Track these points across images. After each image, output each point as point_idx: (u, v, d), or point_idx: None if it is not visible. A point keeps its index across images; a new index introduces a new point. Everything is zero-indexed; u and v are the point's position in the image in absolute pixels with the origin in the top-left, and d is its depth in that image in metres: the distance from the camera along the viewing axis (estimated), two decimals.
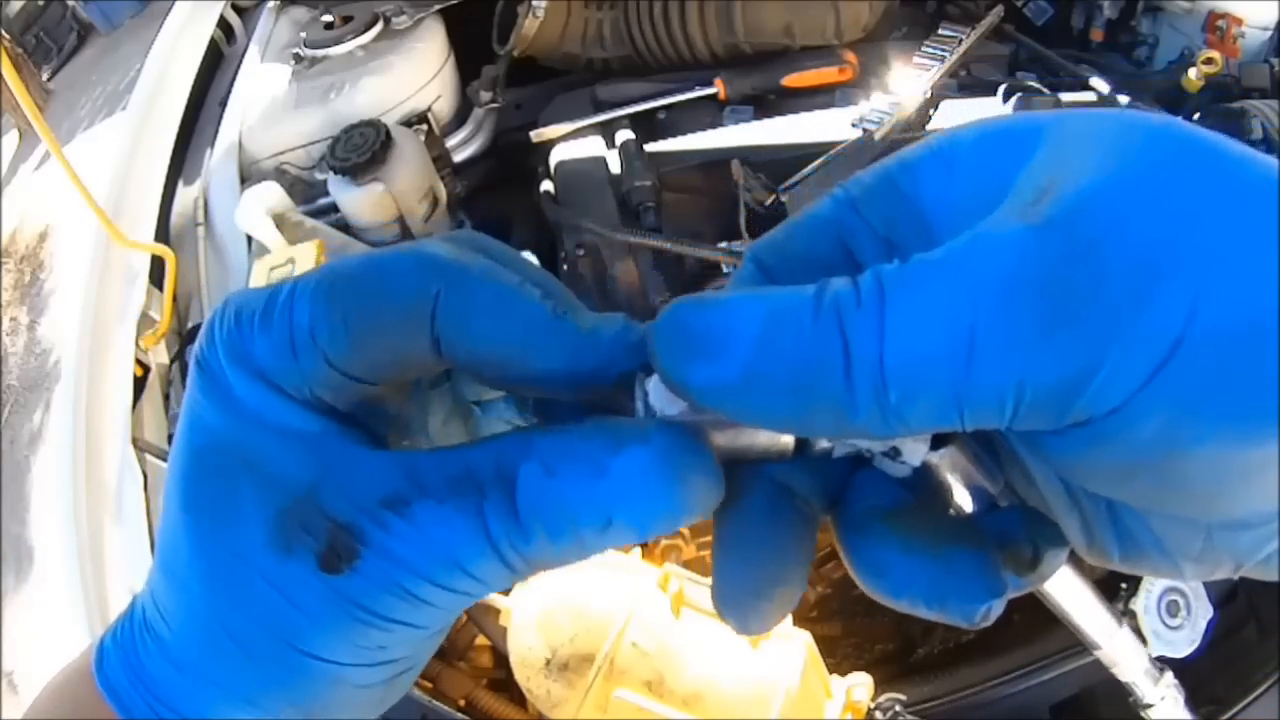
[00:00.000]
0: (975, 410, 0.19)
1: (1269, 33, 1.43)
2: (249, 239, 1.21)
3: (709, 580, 0.24)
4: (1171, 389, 0.18)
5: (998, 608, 0.23)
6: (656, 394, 0.23)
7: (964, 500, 0.25)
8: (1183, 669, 0.76)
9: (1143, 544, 0.22)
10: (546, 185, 1.28)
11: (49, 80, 5.22)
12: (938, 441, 0.24)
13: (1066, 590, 0.30)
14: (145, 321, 1.22)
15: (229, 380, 0.24)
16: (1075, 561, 0.29)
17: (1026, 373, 0.18)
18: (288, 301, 0.23)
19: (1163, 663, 0.72)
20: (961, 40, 1.35)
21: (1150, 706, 0.56)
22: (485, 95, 1.39)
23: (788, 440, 0.24)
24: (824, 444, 0.24)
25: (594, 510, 0.21)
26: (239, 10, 1.70)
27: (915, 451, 0.24)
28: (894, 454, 0.24)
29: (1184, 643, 0.80)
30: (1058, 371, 0.18)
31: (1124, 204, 0.19)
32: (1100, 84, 1.33)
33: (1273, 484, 0.19)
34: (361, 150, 1.16)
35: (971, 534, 0.24)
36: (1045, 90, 1.33)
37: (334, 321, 0.23)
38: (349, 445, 0.24)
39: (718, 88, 1.33)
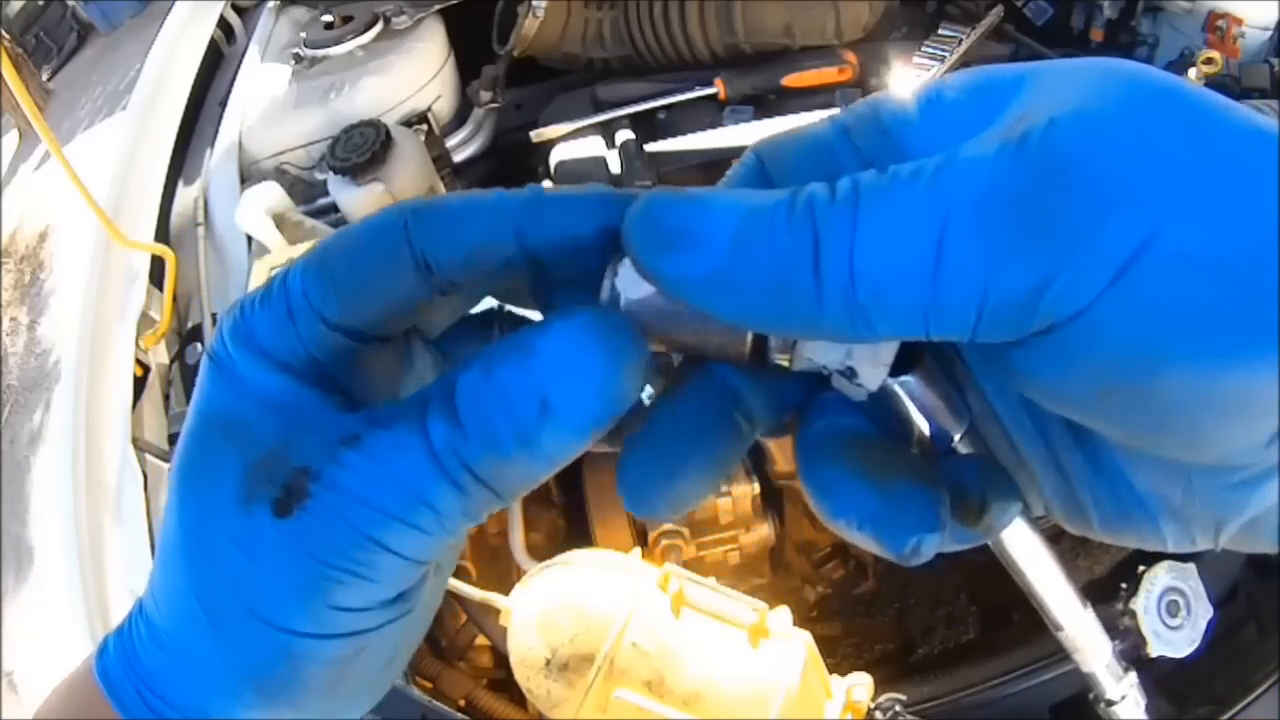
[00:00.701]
0: (940, 317, 0.19)
1: (1269, 33, 1.43)
2: (249, 239, 1.21)
3: (709, 580, 0.24)
4: (1131, 302, 0.18)
5: (929, 545, 0.22)
6: (625, 278, 0.23)
7: (924, 439, 0.25)
8: (1183, 669, 0.76)
9: (1123, 499, 0.22)
10: (546, 185, 1.28)
11: (49, 80, 5.22)
12: (900, 369, 0.24)
13: (1028, 557, 0.29)
14: (145, 321, 1.22)
15: (234, 362, 0.24)
16: (1049, 540, 0.29)
17: (991, 280, 0.19)
18: (283, 278, 0.24)
19: (1158, 662, 0.72)
20: (961, 40, 1.35)
21: (1110, 704, 0.55)
22: (485, 95, 1.39)
23: (744, 341, 0.23)
24: (781, 358, 0.24)
25: (525, 393, 0.21)
26: (239, 10, 1.70)
27: (873, 376, 0.24)
28: (850, 374, 0.24)
29: (1184, 643, 0.80)
30: (1021, 280, 0.19)
31: (1097, 132, 0.19)
32: None
33: (1250, 422, 0.19)
34: (361, 150, 1.16)
35: (923, 471, 0.23)
36: None
37: (323, 279, 0.24)
38: (327, 406, 0.24)
39: (718, 88, 1.33)
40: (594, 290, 0.24)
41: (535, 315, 0.25)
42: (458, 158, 1.40)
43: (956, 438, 0.25)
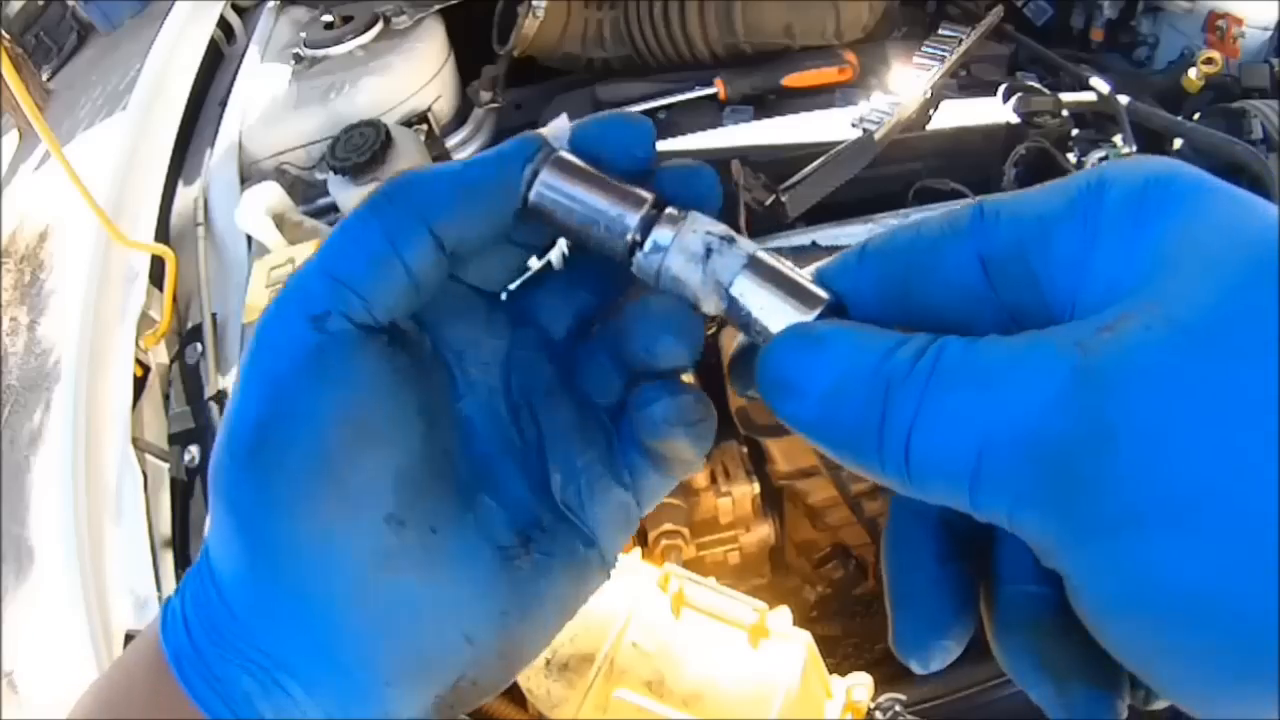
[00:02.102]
0: (979, 511, 0.21)
1: (1269, 33, 1.43)
2: (249, 239, 1.21)
3: (709, 580, 0.26)
4: (1125, 610, 0.20)
5: None
6: (544, 175, 0.28)
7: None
8: None
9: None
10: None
11: (49, 80, 5.22)
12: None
13: None
14: (145, 321, 1.22)
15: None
16: None
17: (1012, 512, 0.21)
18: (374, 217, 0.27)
19: None
20: (961, 40, 1.35)
21: None
22: (485, 95, 1.39)
23: (622, 245, 0.28)
24: (648, 263, 0.28)
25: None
26: (239, 10, 1.70)
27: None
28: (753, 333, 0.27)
29: None
30: (1034, 528, 0.20)
31: (1167, 419, 0.19)
32: (1100, 84, 1.33)
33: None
34: (361, 150, 1.16)
35: (1102, 668, 0.24)
36: (1045, 90, 1.33)
37: (443, 201, 0.27)
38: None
39: (718, 88, 1.33)
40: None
41: None
42: (457, 158, 1.40)
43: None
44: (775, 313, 0.27)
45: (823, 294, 0.27)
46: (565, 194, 0.28)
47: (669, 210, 0.28)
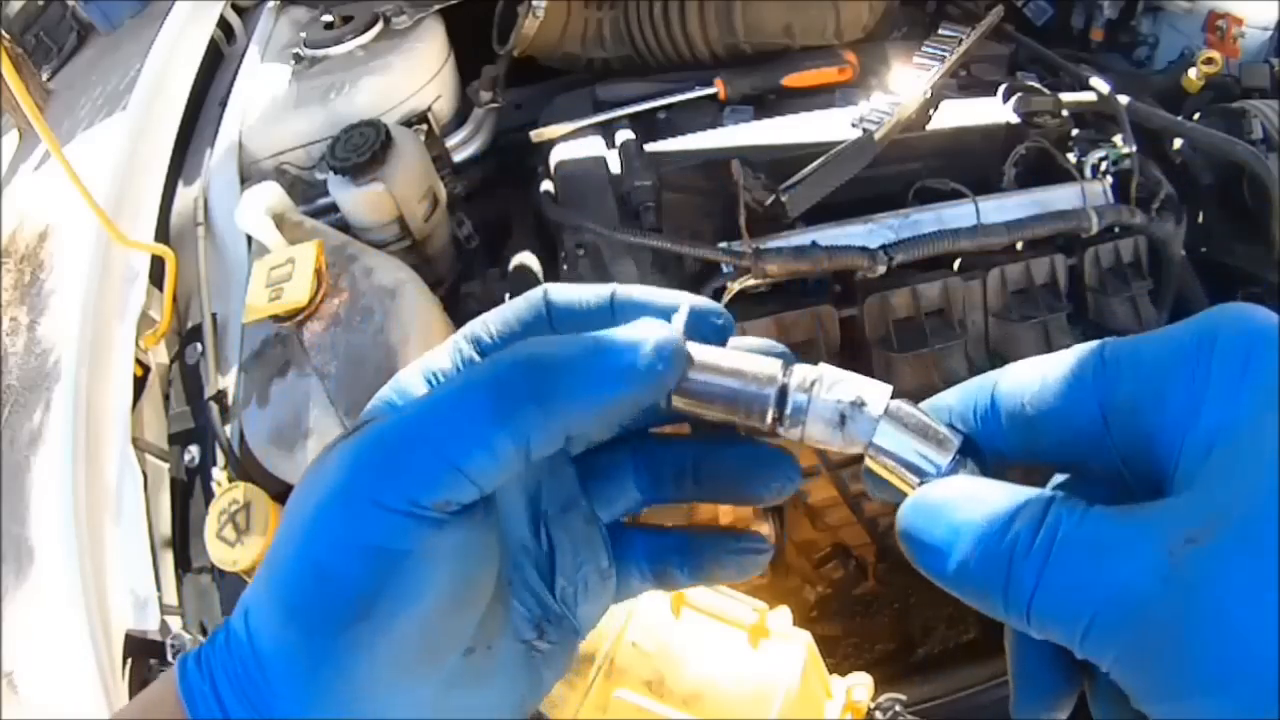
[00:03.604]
0: (1086, 657, 0.26)
1: (1269, 33, 1.43)
2: (249, 239, 1.21)
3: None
4: None
5: None
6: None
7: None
8: None
9: None
10: (546, 185, 1.28)
11: (49, 80, 5.22)
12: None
13: None
14: (145, 321, 1.22)
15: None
16: None
17: (1114, 666, 0.26)
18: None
19: None
20: (961, 40, 1.35)
21: None
22: (485, 95, 1.39)
23: (763, 424, 0.31)
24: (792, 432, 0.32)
25: (583, 341, 0.29)
26: (239, 10, 1.70)
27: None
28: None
29: None
30: (1131, 680, 0.25)
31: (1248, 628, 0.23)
32: (1100, 84, 1.33)
33: None
34: (361, 150, 1.16)
35: None
36: (1045, 90, 1.33)
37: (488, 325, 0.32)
38: None
39: (718, 88, 1.33)
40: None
41: None
42: (458, 158, 1.40)
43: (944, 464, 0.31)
44: (911, 465, 0.30)
45: (953, 438, 0.31)
46: (704, 394, 0.31)
47: (797, 374, 0.31)
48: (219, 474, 1.06)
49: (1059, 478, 0.33)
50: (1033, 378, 0.30)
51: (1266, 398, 0.25)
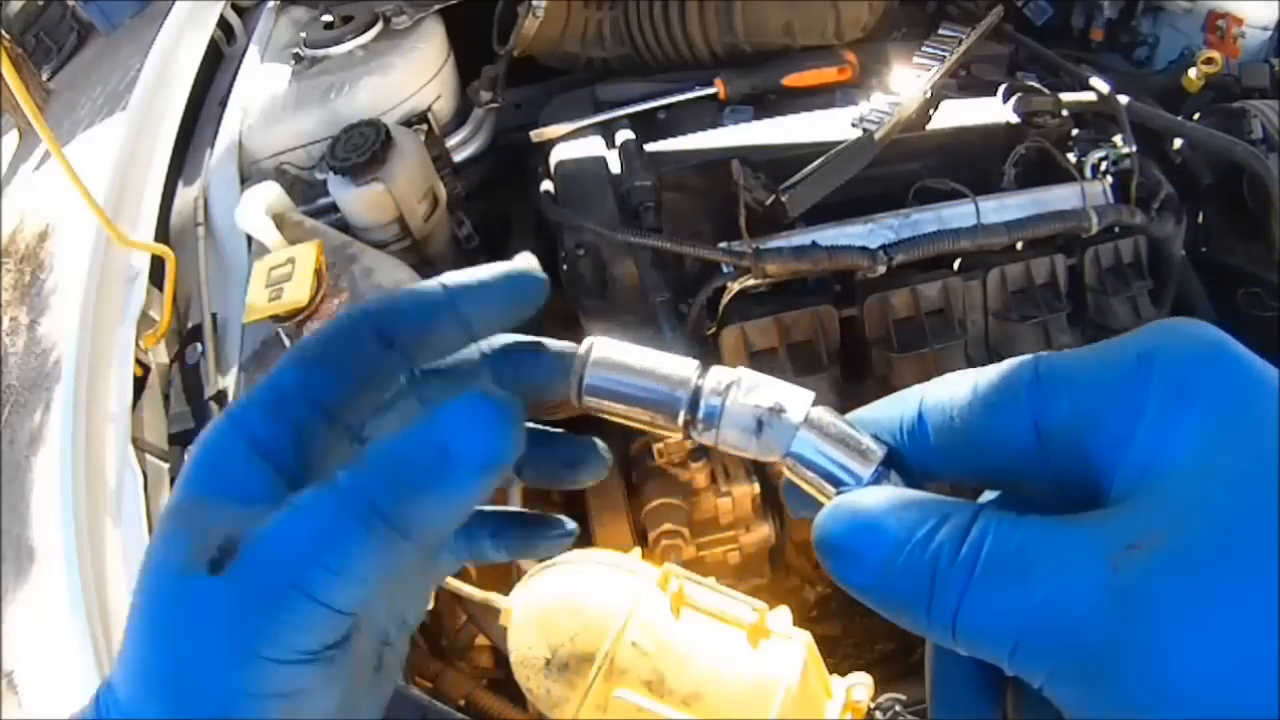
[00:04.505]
0: (1015, 673, 0.25)
1: (1269, 33, 1.43)
2: (249, 239, 1.21)
3: (709, 580, 0.26)
4: None
5: None
6: (590, 370, 0.30)
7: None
8: None
9: None
10: (546, 185, 1.28)
11: (49, 80, 5.22)
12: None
13: None
14: (145, 321, 1.22)
15: (218, 451, 0.28)
16: None
17: (1046, 683, 0.24)
18: (269, 374, 0.29)
19: None
20: (961, 40, 1.35)
21: None
22: (485, 95, 1.39)
23: (675, 427, 0.30)
24: (703, 434, 0.30)
25: (428, 442, 0.26)
26: (239, 10, 1.70)
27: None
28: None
29: None
30: (1065, 698, 0.24)
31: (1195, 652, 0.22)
32: (1100, 84, 1.33)
33: None
34: (361, 150, 1.16)
35: None
36: (1045, 90, 1.33)
37: (309, 363, 0.29)
38: (285, 490, 0.28)
39: (718, 88, 1.33)
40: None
41: None
42: (458, 158, 1.40)
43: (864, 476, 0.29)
44: (831, 474, 0.29)
45: (877, 449, 0.29)
46: (614, 394, 0.30)
47: (713, 377, 0.30)
48: None
49: (988, 495, 0.31)
50: (962, 392, 0.29)
51: (1205, 422, 0.25)
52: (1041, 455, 0.27)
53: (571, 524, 0.37)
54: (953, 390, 0.29)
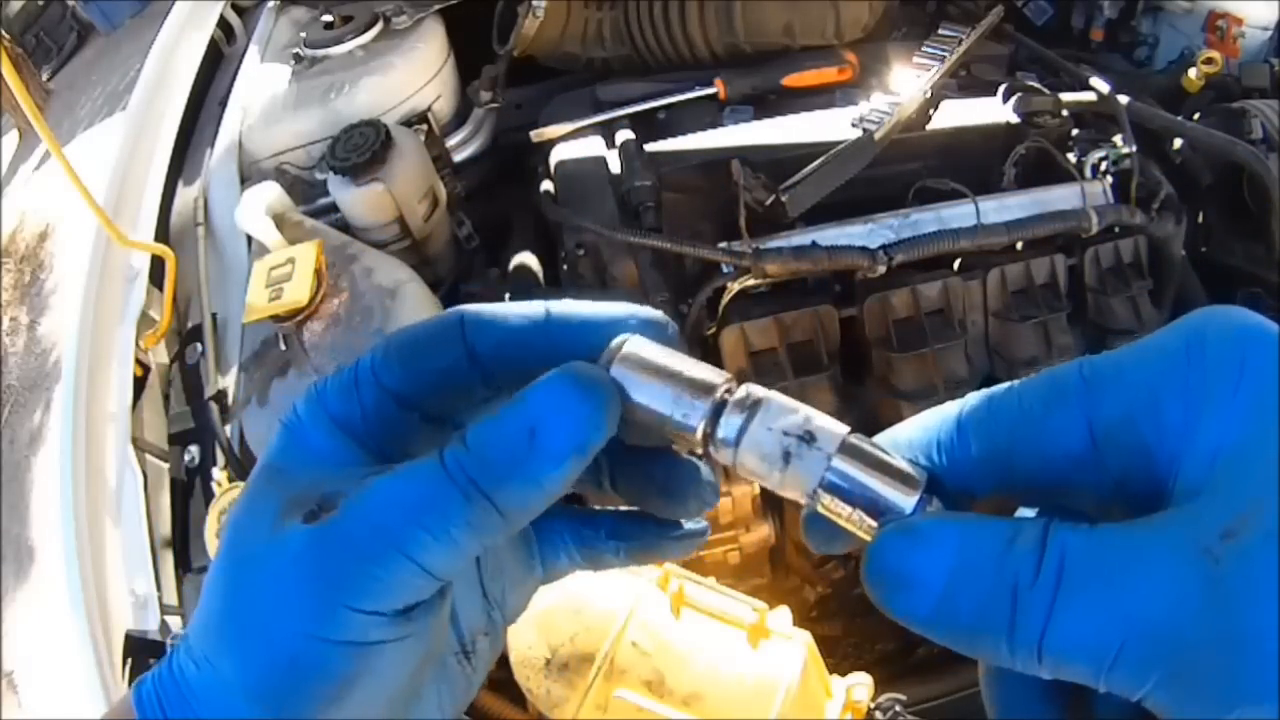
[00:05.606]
0: (1108, 689, 0.23)
1: (1269, 33, 1.43)
2: (249, 239, 1.21)
3: (709, 580, 0.26)
4: None
5: None
6: (619, 370, 0.29)
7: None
8: None
9: None
10: (546, 185, 1.28)
11: (49, 80, 5.22)
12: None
13: None
14: (145, 321, 1.22)
15: (299, 422, 0.30)
16: None
17: (1149, 694, 0.23)
18: (356, 359, 0.30)
19: None
20: (961, 40, 1.35)
21: None
22: (485, 95, 1.39)
23: (694, 441, 0.29)
24: (726, 455, 0.28)
25: (518, 423, 0.27)
26: (239, 10, 1.70)
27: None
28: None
29: None
30: (1170, 707, 0.23)
31: None
32: (1100, 84, 1.33)
33: None
34: (361, 150, 1.16)
35: None
36: (1045, 90, 1.33)
37: (389, 355, 0.30)
38: (369, 462, 0.29)
39: (718, 88, 1.33)
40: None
41: None
42: (458, 158, 1.40)
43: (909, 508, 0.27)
44: (873, 504, 0.27)
45: (918, 475, 0.27)
46: (633, 393, 0.29)
47: (741, 391, 0.28)
48: (219, 474, 1.06)
49: (1023, 512, 0.30)
50: (1007, 401, 0.28)
51: (1270, 398, 0.24)
52: (1095, 457, 0.26)
53: (703, 523, 0.35)
54: (994, 401, 0.28)
